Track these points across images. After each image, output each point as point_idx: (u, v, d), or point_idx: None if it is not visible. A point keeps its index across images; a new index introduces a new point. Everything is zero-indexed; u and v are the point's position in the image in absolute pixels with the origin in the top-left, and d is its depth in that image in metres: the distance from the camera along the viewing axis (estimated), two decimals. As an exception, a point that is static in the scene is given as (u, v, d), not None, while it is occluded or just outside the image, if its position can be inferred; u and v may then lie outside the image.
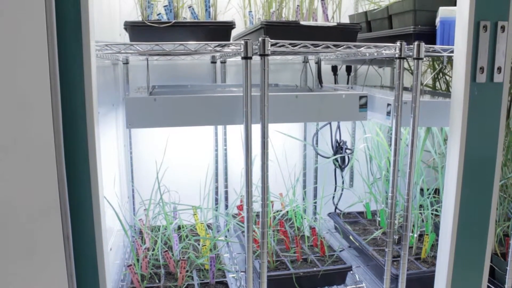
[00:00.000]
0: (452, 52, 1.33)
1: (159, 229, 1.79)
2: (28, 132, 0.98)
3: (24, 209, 1.00)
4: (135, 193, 2.14)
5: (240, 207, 1.94)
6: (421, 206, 1.84)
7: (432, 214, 1.80)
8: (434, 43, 1.52)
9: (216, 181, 2.20)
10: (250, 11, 1.75)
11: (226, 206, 2.22)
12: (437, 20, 1.52)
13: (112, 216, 1.58)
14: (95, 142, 1.06)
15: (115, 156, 1.91)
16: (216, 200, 2.23)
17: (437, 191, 1.93)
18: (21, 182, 0.99)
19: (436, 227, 1.64)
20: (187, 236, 1.80)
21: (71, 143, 1.05)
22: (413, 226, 1.81)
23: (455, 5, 1.30)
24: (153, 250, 1.71)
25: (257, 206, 1.47)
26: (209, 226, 1.96)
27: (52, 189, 1.01)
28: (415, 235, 1.79)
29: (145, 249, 1.67)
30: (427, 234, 1.74)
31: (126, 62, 2.04)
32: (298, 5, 1.58)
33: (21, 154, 0.98)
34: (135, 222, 2.05)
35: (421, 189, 1.87)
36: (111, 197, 1.64)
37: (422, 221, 1.81)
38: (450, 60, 1.73)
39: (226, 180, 2.20)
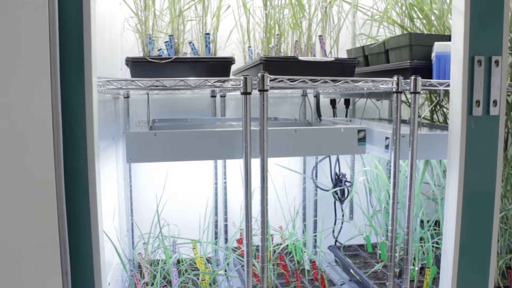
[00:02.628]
0: (448, 86, 1.35)
1: (158, 263, 1.77)
2: (28, 165, 0.99)
3: (22, 244, 1.00)
4: (134, 226, 2.13)
5: (240, 241, 1.93)
6: (421, 238, 1.83)
7: (433, 246, 1.79)
8: (431, 77, 1.55)
9: (216, 214, 2.20)
10: (250, 46, 1.78)
11: (226, 240, 2.21)
12: (433, 54, 1.55)
13: (111, 250, 1.57)
14: (95, 177, 1.07)
15: (114, 189, 1.91)
16: (216, 233, 2.21)
17: (437, 223, 1.92)
18: (20, 216, 0.99)
19: (438, 260, 1.62)
20: (186, 271, 1.78)
21: (72, 178, 1.05)
22: (414, 259, 1.79)
23: (449, 40, 1.33)
24: (152, 284, 1.69)
25: (257, 240, 1.46)
26: (208, 260, 1.94)
27: (52, 224, 1.01)
28: (416, 268, 1.77)
29: (144, 283, 1.65)
30: (428, 267, 1.72)
31: (127, 96, 2.06)
32: (296, 41, 1.61)
33: (21, 188, 0.99)
34: (134, 256, 2.04)
35: (421, 221, 1.86)
36: (110, 231, 1.63)
37: (423, 253, 1.80)
38: (447, 93, 1.75)
39: (225, 213, 2.20)
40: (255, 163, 1.30)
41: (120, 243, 1.86)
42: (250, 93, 1.27)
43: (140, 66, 1.41)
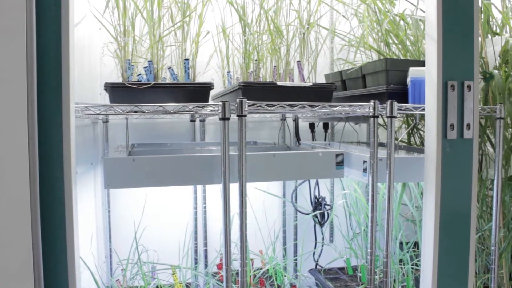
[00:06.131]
0: (423, 110, 1.38)
1: (136, 290, 1.74)
2: (2, 190, 0.97)
3: (-4, 273, 0.98)
4: (113, 252, 2.10)
5: (219, 266, 1.91)
6: (401, 260, 1.84)
7: (412, 268, 1.80)
8: (406, 101, 1.58)
9: (196, 239, 2.18)
10: (229, 72, 1.80)
11: (206, 265, 2.18)
12: (408, 79, 1.58)
13: (88, 277, 1.54)
14: (72, 203, 1.05)
15: (92, 215, 1.88)
16: (196, 259, 2.19)
17: (416, 244, 1.93)
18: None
19: (417, 281, 1.63)
20: (165, 297, 1.76)
21: (48, 203, 1.04)
22: (394, 281, 1.80)
23: (424, 65, 1.36)
24: (130, 312, 1.66)
25: (236, 265, 1.45)
26: (188, 286, 1.92)
27: (26, 251, 0.99)
28: (397, 291, 1.78)
29: (122, 311, 1.62)
30: (408, 290, 1.73)
31: (106, 121, 2.05)
32: (275, 66, 1.63)
33: (-4, 217, 0.97)
34: (112, 283, 2.00)
35: (401, 243, 1.88)
36: (88, 257, 1.60)
37: (403, 275, 1.81)
38: (423, 116, 1.78)
39: (205, 238, 2.18)
40: (234, 187, 1.30)
41: (97, 270, 1.83)
42: (228, 119, 1.27)
43: (119, 92, 1.41)
